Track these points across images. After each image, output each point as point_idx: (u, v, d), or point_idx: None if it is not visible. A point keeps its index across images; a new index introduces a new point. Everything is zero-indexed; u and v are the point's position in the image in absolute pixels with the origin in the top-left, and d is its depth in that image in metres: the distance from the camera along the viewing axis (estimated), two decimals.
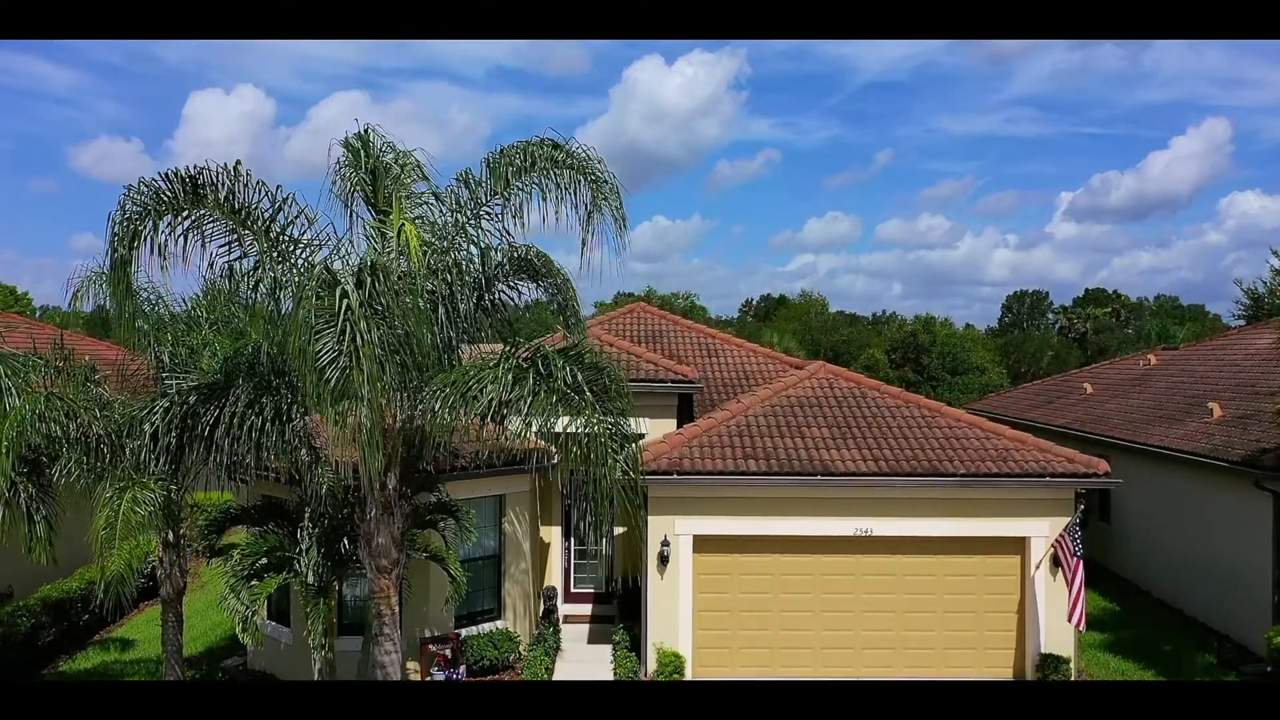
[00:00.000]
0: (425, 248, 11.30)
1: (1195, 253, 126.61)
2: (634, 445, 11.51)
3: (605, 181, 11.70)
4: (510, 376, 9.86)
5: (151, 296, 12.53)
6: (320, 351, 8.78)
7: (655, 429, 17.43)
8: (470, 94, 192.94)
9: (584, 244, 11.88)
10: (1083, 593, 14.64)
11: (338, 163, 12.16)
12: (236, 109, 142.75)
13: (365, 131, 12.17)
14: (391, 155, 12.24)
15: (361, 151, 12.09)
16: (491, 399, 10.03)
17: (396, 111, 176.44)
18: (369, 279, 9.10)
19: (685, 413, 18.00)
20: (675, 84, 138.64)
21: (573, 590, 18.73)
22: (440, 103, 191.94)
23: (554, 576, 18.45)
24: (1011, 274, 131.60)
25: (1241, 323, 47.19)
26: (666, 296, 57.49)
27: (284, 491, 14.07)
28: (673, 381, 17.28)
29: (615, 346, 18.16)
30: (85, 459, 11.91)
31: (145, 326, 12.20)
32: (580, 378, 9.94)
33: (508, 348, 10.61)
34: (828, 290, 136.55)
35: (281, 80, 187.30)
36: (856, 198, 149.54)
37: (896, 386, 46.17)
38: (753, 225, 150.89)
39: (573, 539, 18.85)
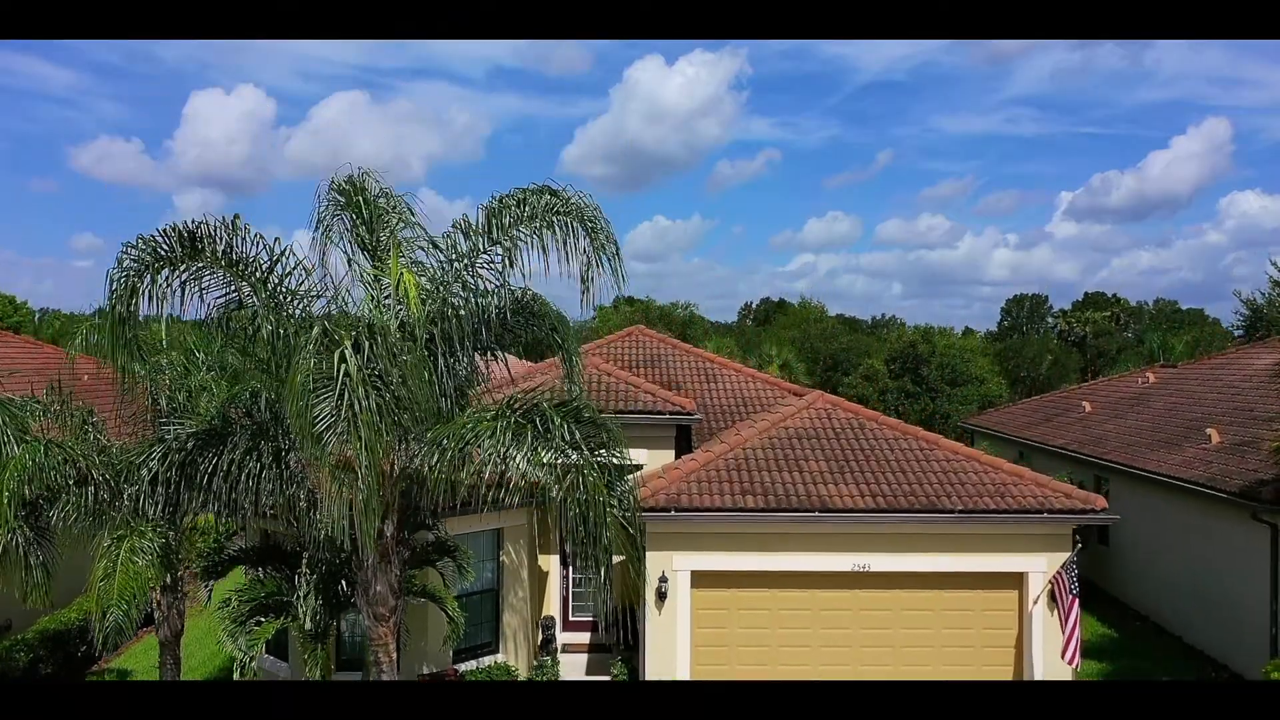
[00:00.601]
0: (424, 296, 11.30)
1: (1195, 253, 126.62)
2: (632, 484, 11.55)
3: (602, 229, 11.74)
4: (509, 434, 9.87)
5: (149, 339, 12.53)
6: (318, 417, 8.77)
7: (653, 459, 17.44)
8: (470, 94, 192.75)
9: (585, 290, 11.94)
10: (1077, 631, 14.67)
11: (332, 203, 12.19)
12: (237, 109, 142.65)
13: (359, 177, 12.18)
14: (386, 200, 12.26)
15: (358, 198, 12.10)
16: (490, 454, 10.03)
17: (396, 111, 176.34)
18: (367, 342, 9.09)
19: (684, 443, 18.01)
20: (676, 84, 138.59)
21: (571, 619, 18.74)
22: (440, 102, 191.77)
23: (552, 605, 18.46)
24: (1011, 274, 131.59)
25: (1240, 333, 47.23)
26: (666, 307, 57.43)
27: (283, 527, 14.07)
28: (671, 413, 17.28)
29: (614, 376, 18.15)
30: (83, 502, 11.92)
31: (143, 372, 12.19)
32: (578, 435, 9.95)
33: (505, 402, 10.61)
34: (827, 290, 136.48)
35: (281, 80, 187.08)
36: (857, 198, 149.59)
37: (896, 396, 46.33)
38: (753, 225, 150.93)
39: (570, 567, 18.86)
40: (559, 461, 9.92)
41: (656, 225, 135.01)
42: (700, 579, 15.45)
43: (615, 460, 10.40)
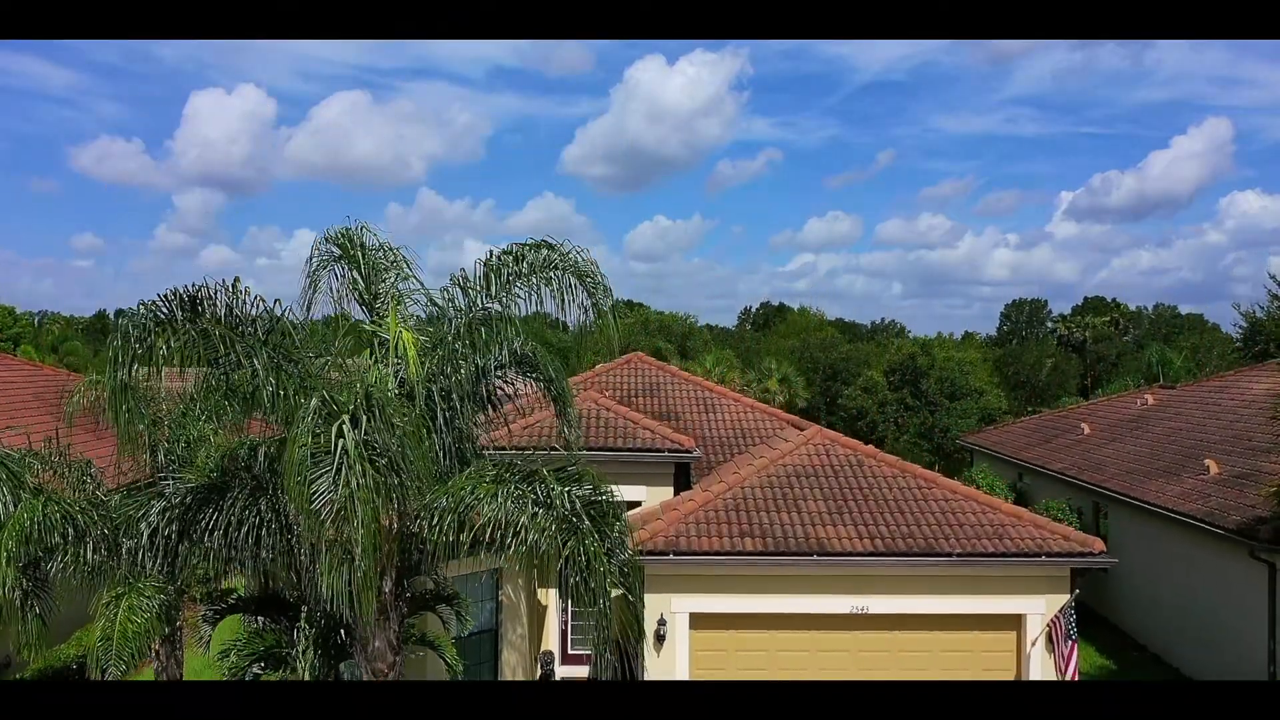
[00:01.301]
0: (423, 356, 11.30)
1: (1195, 253, 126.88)
2: (629, 529, 11.57)
3: (599, 283, 11.78)
4: (510, 503, 9.88)
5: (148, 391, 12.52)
6: (315, 493, 8.78)
7: (652, 496, 17.45)
8: (470, 94, 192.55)
9: (580, 342, 11.96)
10: (1076, 679, 14.70)
11: (328, 255, 12.21)
12: (237, 109, 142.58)
13: (356, 229, 12.19)
14: (383, 253, 12.27)
15: (355, 251, 12.12)
16: (489, 520, 10.04)
17: (397, 111, 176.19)
18: (364, 417, 9.09)
19: (683, 478, 18.03)
20: (677, 84, 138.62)
21: (570, 652, 18.76)
22: (441, 102, 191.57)
23: (551, 639, 18.48)
24: (1012, 274, 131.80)
25: (1239, 343, 47.21)
26: (665, 317, 57.40)
27: (282, 577, 14.07)
28: (670, 450, 17.30)
29: (613, 411, 18.16)
30: (81, 557, 11.90)
31: (142, 427, 12.17)
32: (578, 504, 9.96)
33: (504, 465, 10.61)
34: (827, 290, 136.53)
35: (281, 80, 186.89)
36: (857, 198, 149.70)
37: (895, 409, 46.32)
38: (753, 225, 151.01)
39: (569, 600, 18.85)
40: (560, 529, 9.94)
41: (657, 225, 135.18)
42: (699, 621, 15.46)
43: (615, 532, 10.41)
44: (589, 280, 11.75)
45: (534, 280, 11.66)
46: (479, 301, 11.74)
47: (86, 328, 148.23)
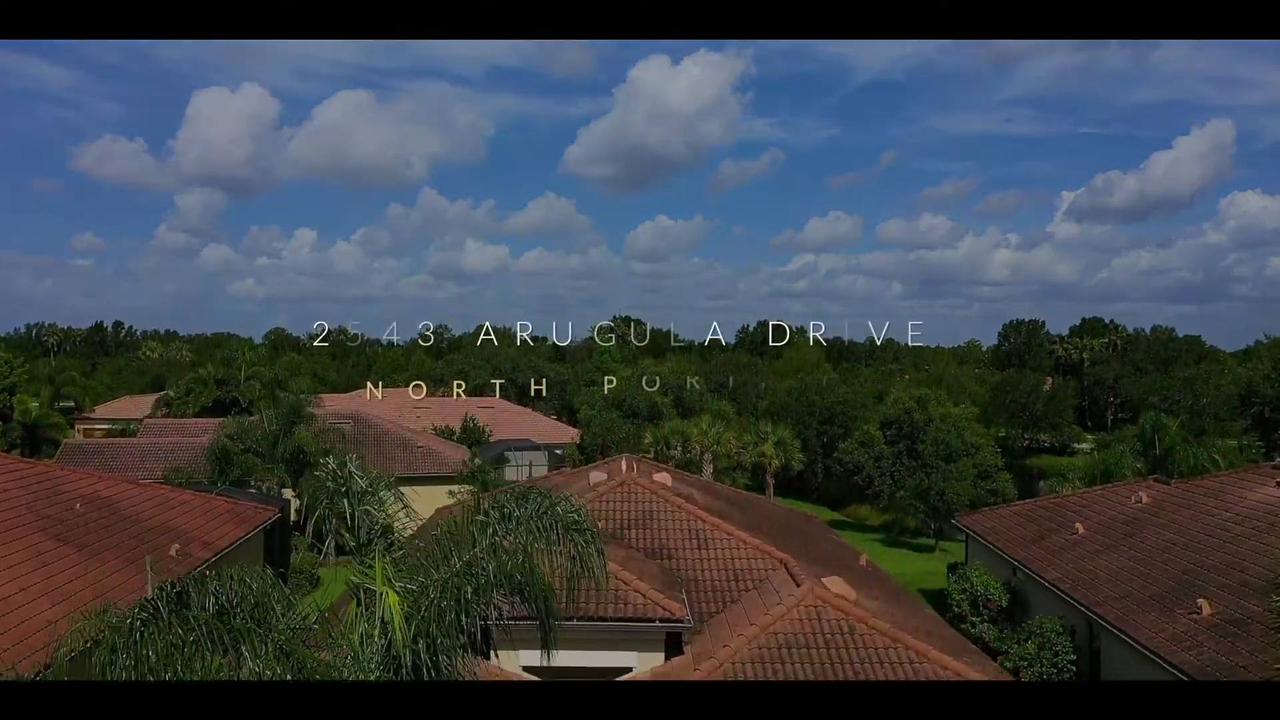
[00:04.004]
0: (408, 613, 11.25)
1: (1195, 253, 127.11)
2: None
3: (591, 537, 11.77)
4: None
5: None
6: None
7: (643, 662, 17.44)
8: (473, 94, 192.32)
9: (570, 589, 11.96)
10: None
11: (324, 491, 12.16)
12: (238, 109, 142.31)
13: (344, 467, 12.15)
14: (373, 490, 12.23)
15: (345, 486, 12.07)
16: None
17: (399, 112, 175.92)
18: None
19: (674, 642, 18.01)
20: (681, 84, 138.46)
21: None
22: (442, 102, 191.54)
23: None
24: (1012, 274, 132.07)
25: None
26: (658, 336, 57.12)
27: None
28: (662, 620, 17.28)
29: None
30: None
31: None
32: None
33: None
34: (827, 290, 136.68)
35: (281, 80, 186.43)
36: (859, 198, 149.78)
37: (890, 463, 46.28)
38: (754, 225, 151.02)
39: None
40: None
41: (658, 225, 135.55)
42: None
43: None
44: (576, 530, 11.72)
45: (523, 531, 11.62)
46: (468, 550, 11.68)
47: (85, 339, 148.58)
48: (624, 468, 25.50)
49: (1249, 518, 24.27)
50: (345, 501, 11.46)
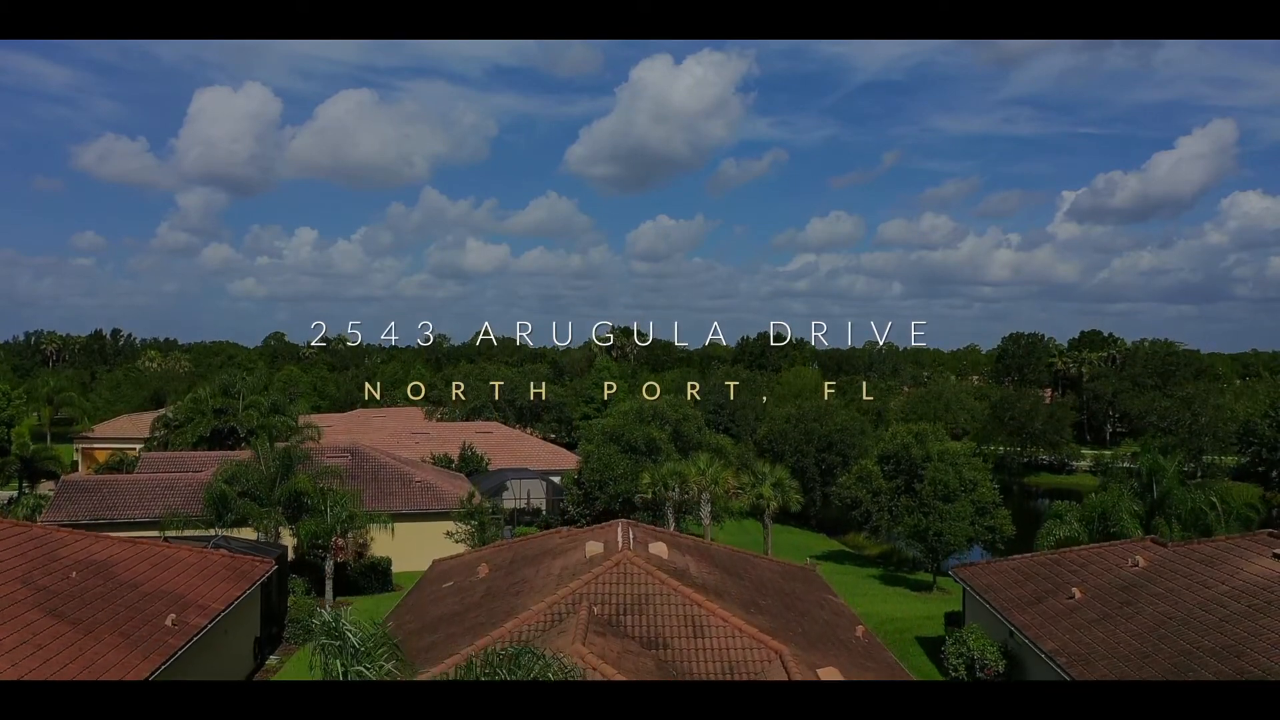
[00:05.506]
0: None
1: (1196, 253, 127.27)
2: None
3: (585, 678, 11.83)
4: None
5: None
6: None
7: None
8: (475, 94, 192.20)
9: None
10: None
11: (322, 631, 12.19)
12: (240, 107, 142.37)
13: (347, 620, 12.18)
14: (369, 638, 12.25)
15: (343, 631, 12.09)
16: None
17: (401, 111, 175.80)
18: None
19: None
20: (684, 84, 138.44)
21: None
22: (444, 101, 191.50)
23: None
24: (1013, 274, 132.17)
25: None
26: (656, 349, 57.03)
27: None
28: None
29: (600, 673, 18.11)
30: None
31: None
32: None
33: None
34: (828, 290, 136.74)
35: (283, 79, 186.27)
36: (860, 198, 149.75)
37: (889, 497, 46.33)
38: (755, 225, 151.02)
39: None
40: None
41: (659, 225, 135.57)
42: None
43: None
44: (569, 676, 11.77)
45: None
46: None
47: (84, 346, 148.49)
48: (620, 537, 25.48)
49: (1245, 593, 24.24)
50: (339, 663, 11.45)
